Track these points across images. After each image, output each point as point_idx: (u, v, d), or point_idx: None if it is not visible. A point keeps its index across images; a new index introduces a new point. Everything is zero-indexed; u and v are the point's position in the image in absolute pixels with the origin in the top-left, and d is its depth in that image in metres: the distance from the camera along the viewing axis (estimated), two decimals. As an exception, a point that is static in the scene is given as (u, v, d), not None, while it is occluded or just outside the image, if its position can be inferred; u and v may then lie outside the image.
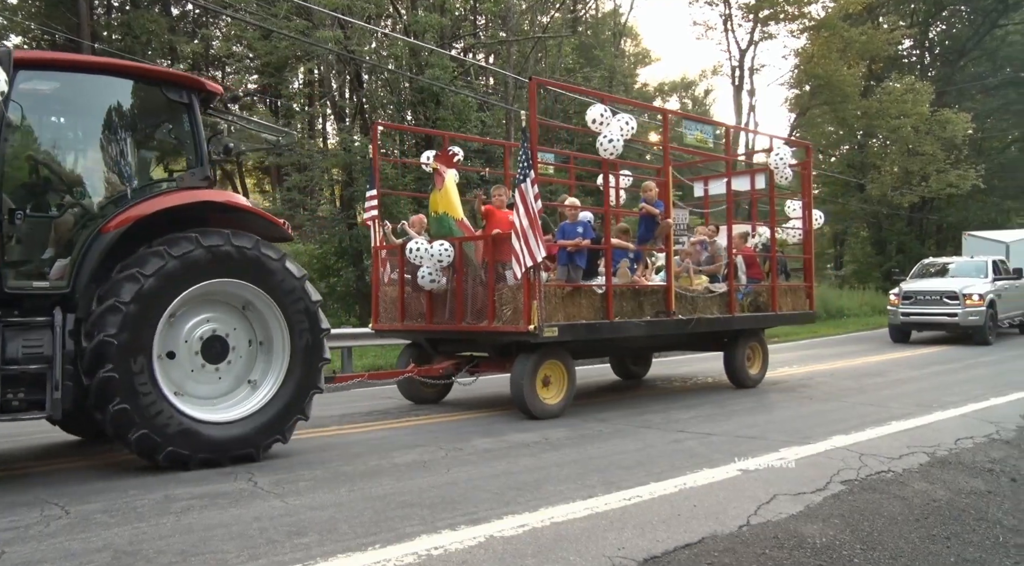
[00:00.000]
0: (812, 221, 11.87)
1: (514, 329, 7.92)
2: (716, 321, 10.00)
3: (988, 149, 38.75)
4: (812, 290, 12.02)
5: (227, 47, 24.56)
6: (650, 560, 3.91)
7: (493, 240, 8.36)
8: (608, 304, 8.55)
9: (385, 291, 9.72)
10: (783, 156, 11.08)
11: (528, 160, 7.76)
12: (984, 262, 18.83)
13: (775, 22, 29.04)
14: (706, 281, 10.19)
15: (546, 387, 8.25)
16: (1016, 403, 8.98)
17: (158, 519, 4.59)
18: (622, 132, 8.52)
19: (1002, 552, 4.30)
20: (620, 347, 10.46)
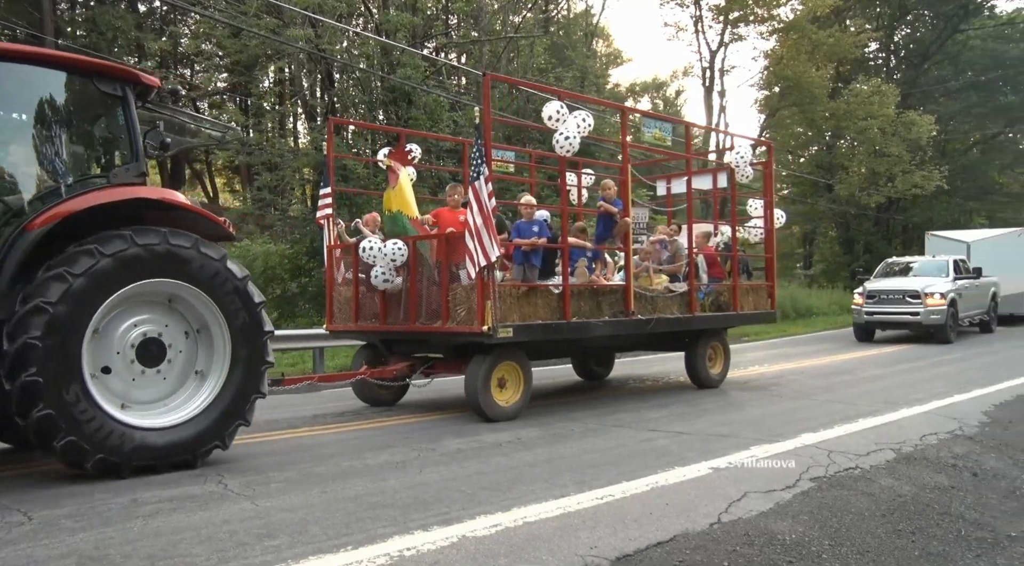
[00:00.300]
0: (774, 220, 11.83)
1: (468, 330, 7.76)
2: (676, 321, 9.90)
3: (951, 151, 39.53)
4: (774, 289, 11.98)
5: (196, 45, 24.27)
6: (622, 558, 3.92)
7: (446, 239, 8.22)
8: (565, 304, 8.43)
9: (339, 291, 9.52)
10: (743, 154, 11.03)
11: (482, 157, 7.60)
12: (945, 262, 19.00)
13: (745, 24, 29.37)
14: (666, 281, 10.09)
15: (502, 389, 8.11)
16: (978, 400, 9.17)
17: (125, 523, 4.51)
18: (579, 129, 8.42)
19: (964, 545, 4.39)
20: (579, 347, 10.34)
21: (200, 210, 6.40)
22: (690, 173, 10.90)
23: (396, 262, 8.33)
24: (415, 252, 8.40)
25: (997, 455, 6.54)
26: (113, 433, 5.50)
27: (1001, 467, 6.18)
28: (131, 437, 5.58)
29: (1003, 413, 8.33)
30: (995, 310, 20.30)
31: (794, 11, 28.92)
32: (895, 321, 17.71)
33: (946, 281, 17.83)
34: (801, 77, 28.32)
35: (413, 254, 8.38)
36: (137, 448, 5.61)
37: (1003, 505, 5.21)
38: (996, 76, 36.78)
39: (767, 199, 11.90)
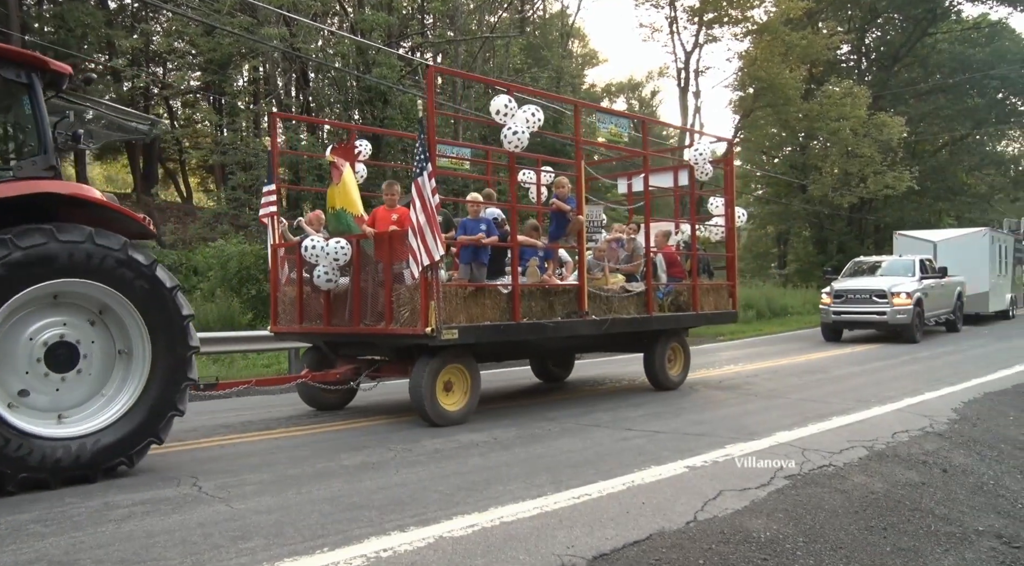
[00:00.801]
0: (735, 218, 11.60)
1: (411, 331, 7.48)
2: (632, 321, 9.63)
3: (921, 152, 40.17)
4: (735, 289, 11.74)
5: (168, 43, 23.98)
6: (599, 558, 3.94)
7: (389, 238, 7.91)
8: (515, 305, 8.16)
9: (284, 292, 9.18)
10: (702, 151, 10.76)
11: (425, 152, 7.32)
12: (912, 261, 19.03)
13: (719, 25, 29.61)
14: (623, 280, 9.80)
15: (448, 392, 7.86)
16: (947, 397, 9.32)
17: (96, 527, 4.45)
18: (528, 123, 8.17)
19: (934, 540, 4.46)
20: (532, 349, 10.12)
21: (119, 207, 6.00)
22: (647, 170, 10.56)
23: (339, 261, 8.06)
24: (359, 251, 8.13)
25: (965, 451, 6.65)
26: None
27: (969, 463, 6.29)
28: (19, 444, 5.19)
29: (971, 410, 8.47)
30: (961, 309, 20.33)
31: (768, 13, 29.20)
32: (862, 321, 17.67)
33: (912, 281, 17.84)
34: (775, 78, 28.59)
35: (357, 253, 8.11)
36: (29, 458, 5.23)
37: (971, 500, 5.31)
38: (963, 79, 37.44)
39: (728, 197, 11.66)
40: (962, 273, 20.47)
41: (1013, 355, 14.06)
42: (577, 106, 10.12)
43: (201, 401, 9.84)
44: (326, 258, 8.04)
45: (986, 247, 21.73)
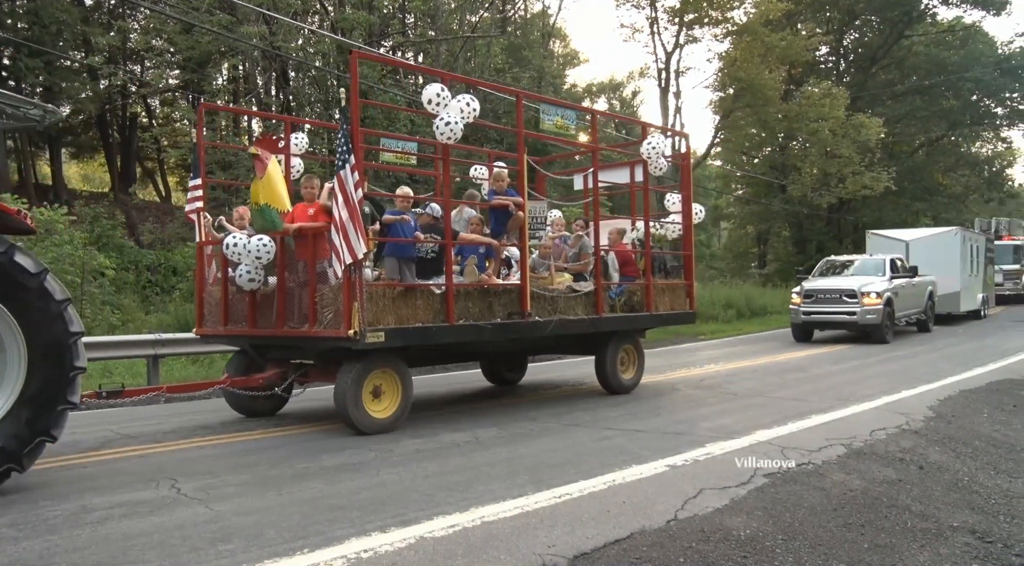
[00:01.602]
0: (692, 216, 11.16)
1: (334, 334, 7.05)
2: (580, 323, 9.21)
3: (898, 153, 40.63)
4: (692, 288, 11.25)
5: (146, 41, 23.71)
6: (580, 557, 3.95)
7: (311, 235, 7.49)
8: (448, 306, 7.75)
9: (210, 292, 8.63)
10: (656, 145, 10.22)
11: (348, 144, 6.89)
12: (882, 260, 18.73)
13: (699, 26, 29.74)
14: (570, 279, 9.40)
15: (377, 399, 7.43)
16: (924, 395, 9.43)
17: (72, 531, 4.40)
18: (462, 114, 7.80)
19: (910, 537, 4.51)
20: (473, 352, 9.70)
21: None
22: (596, 165, 10.16)
23: (262, 260, 7.62)
24: (283, 249, 7.71)
25: (941, 448, 6.74)
26: None
27: (945, 460, 6.37)
28: None
29: (947, 408, 8.58)
30: (932, 309, 20.10)
31: (747, 14, 29.38)
32: (832, 321, 17.35)
33: (883, 280, 17.56)
34: (754, 79, 28.79)
35: (281, 251, 7.69)
36: None
37: (946, 497, 5.38)
38: (938, 81, 37.89)
39: (684, 193, 11.24)
40: (934, 273, 20.30)
41: (987, 353, 14.26)
42: (519, 96, 9.79)
43: (179, 402, 9.77)
44: (248, 256, 7.60)
45: (957, 247, 21.53)
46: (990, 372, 11.75)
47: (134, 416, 8.84)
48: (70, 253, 14.01)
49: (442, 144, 8.05)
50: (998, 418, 8.39)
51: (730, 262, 46.62)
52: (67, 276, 13.70)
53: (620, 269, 10.18)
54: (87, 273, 14.48)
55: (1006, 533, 4.73)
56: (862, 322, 16.74)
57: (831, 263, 20.30)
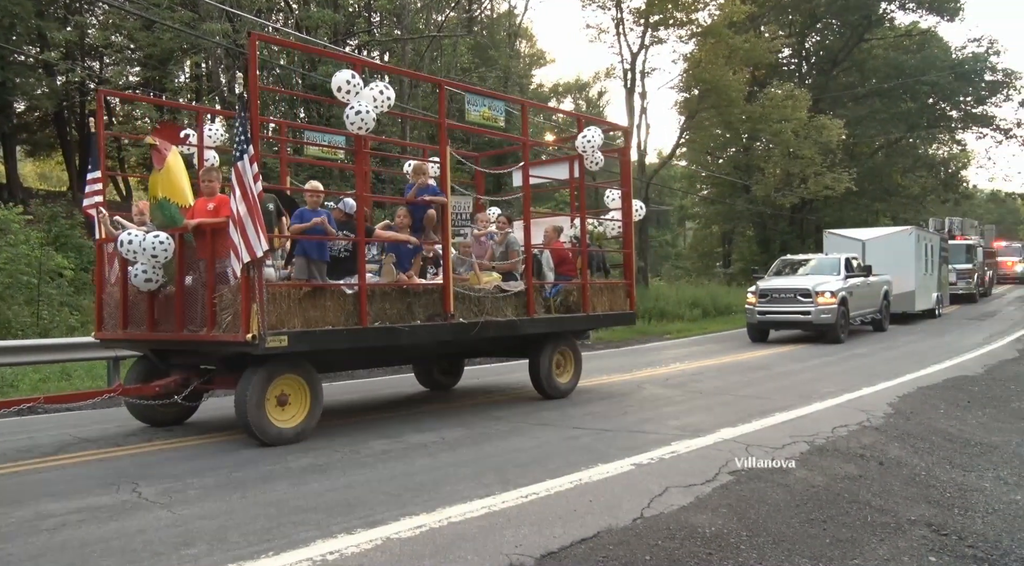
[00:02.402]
0: (632, 212, 10.73)
1: (232, 339, 6.57)
2: (509, 325, 8.76)
3: (859, 154, 41.36)
4: (632, 288, 10.80)
5: (104, 36, 23.26)
6: (547, 556, 3.96)
7: (210, 231, 6.95)
8: (361, 307, 7.27)
9: (110, 293, 8.05)
10: (591, 139, 9.81)
11: (246, 133, 6.43)
12: (837, 259, 18.59)
13: (665, 27, 29.90)
14: (498, 279, 8.96)
15: (283, 407, 6.92)
16: (884, 392, 9.62)
17: (27, 538, 4.29)
18: (375, 102, 7.38)
19: (870, 531, 4.61)
20: (393, 356, 9.27)
21: None
22: (527, 159, 9.61)
23: (158, 258, 7.05)
24: (182, 247, 7.17)
25: (900, 444, 6.88)
26: None
27: (903, 455, 6.51)
28: None
29: (906, 404, 8.77)
30: (887, 308, 20.09)
31: (712, 16, 29.63)
32: (787, 320, 17.18)
33: (837, 279, 17.44)
34: (719, 80, 29.04)
35: (180, 249, 7.14)
36: None
37: (904, 491, 5.49)
38: (897, 84, 38.66)
39: (624, 189, 10.79)
40: (889, 272, 20.33)
41: (944, 351, 14.59)
42: (441, 85, 9.31)
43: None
44: (143, 255, 7.04)
45: (912, 246, 21.55)
46: (946, 369, 12.04)
47: (94, 419, 8.67)
48: (26, 253, 13.69)
49: (360, 136, 7.57)
50: (954, 414, 8.60)
51: (695, 261, 47.09)
52: (23, 277, 13.39)
53: (556, 268, 9.79)
54: (44, 274, 14.15)
55: (960, 525, 4.85)
56: (817, 321, 16.63)
57: (786, 262, 20.13)
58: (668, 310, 24.36)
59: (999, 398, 9.77)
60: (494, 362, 14.25)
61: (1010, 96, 39.86)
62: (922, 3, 38.66)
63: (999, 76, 39.23)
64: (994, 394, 10.00)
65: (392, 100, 7.60)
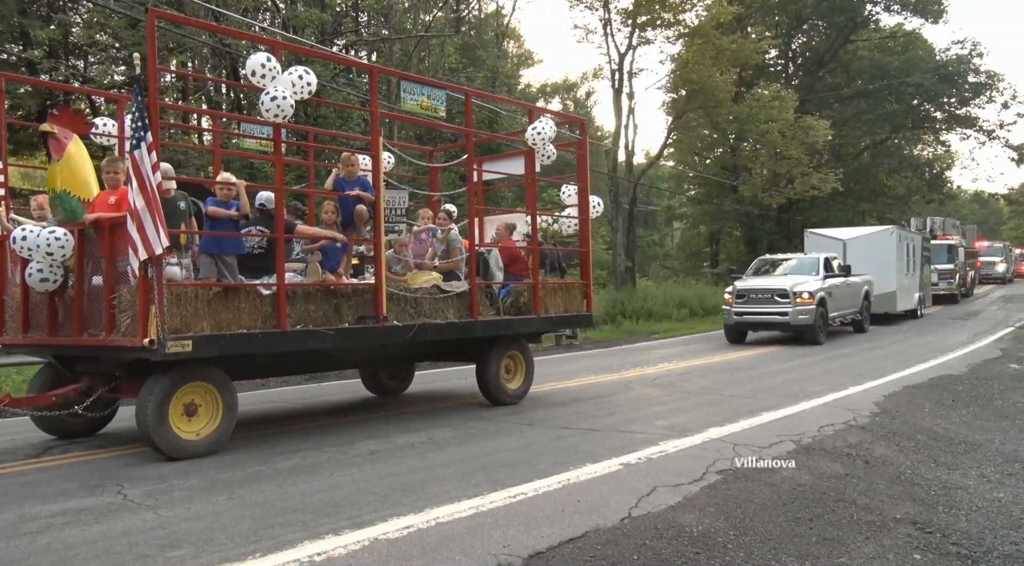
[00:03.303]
0: (589, 209, 10.25)
1: (129, 344, 6.05)
2: (450, 327, 8.26)
3: (845, 155, 41.62)
4: (590, 289, 10.26)
5: (89, 35, 23.07)
6: (535, 556, 3.96)
7: (109, 227, 6.40)
8: (280, 309, 6.75)
9: (13, 294, 7.34)
10: (541, 131, 9.33)
11: (143, 118, 5.86)
12: (816, 259, 18.22)
13: (652, 28, 29.98)
14: (438, 279, 8.52)
15: (191, 417, 6.41)
16: (870, 391, 9.68)
17: (9, 542, 4.25)
18: (294, 88, 6.86)
19: (856, 529, 4.63)
20: (323, 361, 8.64)
21: None
22: (471, 152, 9.15)
23: (55, 256, 6.50)
24: (83, 243, 6.63)
25: (886, 443, 6.93)
26: None
27: (889, 454, 6.55)
28: None
29: (891, 403, 8.83)
30: (868, 309, 19.74)
31: (699, 17, 29.74)
32: (764, 321, 16.79)
33: (816, 279, 17.03)
34: (706, 81, 29.14)
35: (80, 246, 6.62)
36: None
37: (890, 490, 5.53)
38: (882, 85, 38.93)
39: (581, 185, 10.27)
40: (870, 272, 20.06)
41: (928, 350, 14.70)
42: (373, 71, 8.83)
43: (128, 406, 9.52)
44: (38, 252, 6.49)
45: (894, 246, 21.22)
46: (931, 368, 12.13)
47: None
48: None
49: (276, 124, 7.03)
50: (938, 412, 8.66)
51: (683, 261, 47.25)
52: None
53: (507, 267, 9.39)
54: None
55: (944, 523, 4.89)
56: (795, 322, 16.26)
57: (765, 262, 19.75)
58: (656, 310, 24.41)
59: (983, 397, 9.85)
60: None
61: (993, 98, 40.28)
62: (907, 5, 39.00)
63: (982, 78, 39.59)
64: (978, 393, 10.08)
65: (313, 86, 7.03)
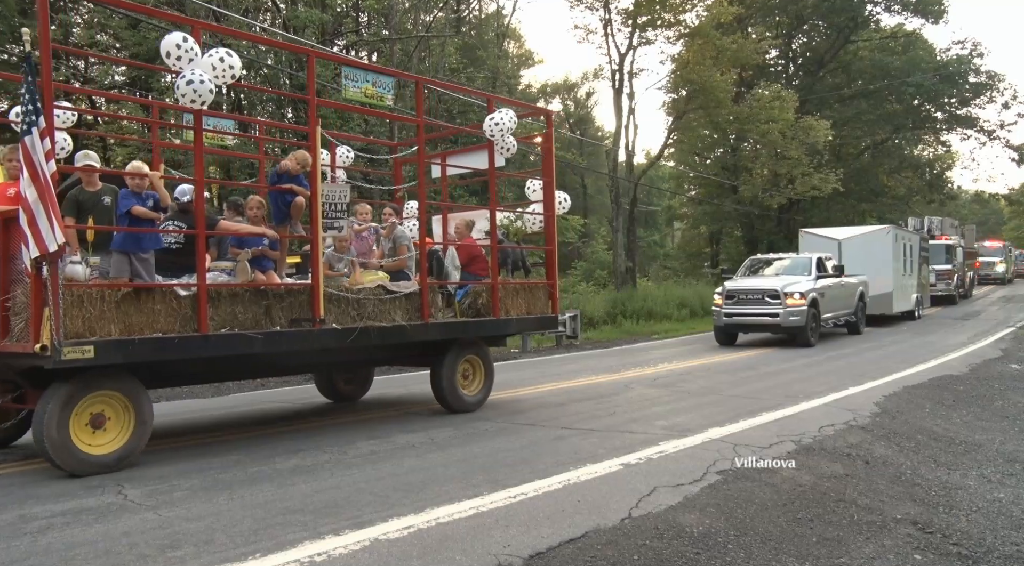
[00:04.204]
0: (554, 205, 9.67)
1: (21, 349, 5.58)
2: (396, 331, 7.70)
3: (845, 155, 41.65)
4: (555, 289, 9.68)
5: (89, 35, 23.09)
6: (536, 556, 3.96)
7: (3, 222, 5.96)
8: (200, 311, 6.19)
9: None
10: (499, 122, 8.71)
11: (35, 102, 5.39)
12: (808, 259, 17.75)
13: (652, 28, 29.98)
14: (384, 278, 7.97)
15: (98, 430, 5.89)
16: (871, 391, 9.68)
17: (10, 542, 4.25)
18: (215, 71, 6.25)
19: (856, 529, 4.63)
20: (255, 367, 8.03)
21: None
22: (421, 142, 8.54)
23: None
24: None
25: (886, 443, 6.93)
26: None
27: (889, 454, 6.55)
28: None
29: (892, 404, 8.82)
30: (863, 310, 19.24)
31: (699, 17, 29.74)
32: (754, 323, 16.29)
33: (808, 280, 16.57)
34: (706, 81, 29.14)
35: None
36: None
37: (890, 490, 5.53)
38: (882, 86, 38.94)
39: (546, 179, 9.69)
40: (866, 272, 19.63)
41: (929, 351, 14.70)
42: (311, 55, 8.12)
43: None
44: None
45: (890, 245, 20.74)
46: (932, 368, 12.13)
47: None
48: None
49: (195, 111, 6.41)
50: (939, 413, 8.66)
51: (684, 262, 47.24)
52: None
53: (466, 266, 8.96)
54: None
55: (945, 523, 4.89)
56: (785, 324, 15.80)
57: (757, 262, 19.23)
58: (656, 310, 24.43)
59: (983, 397, 9.85)
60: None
61: (993, 98, 40.33)
62: (907, 5, 38.99)
63: (983, 78, 39.60)
64: (978, 393, 10.08)
65: (236, 70, 6.39)
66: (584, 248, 37.56)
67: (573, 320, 18.37)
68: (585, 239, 37.22)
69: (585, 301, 23.37)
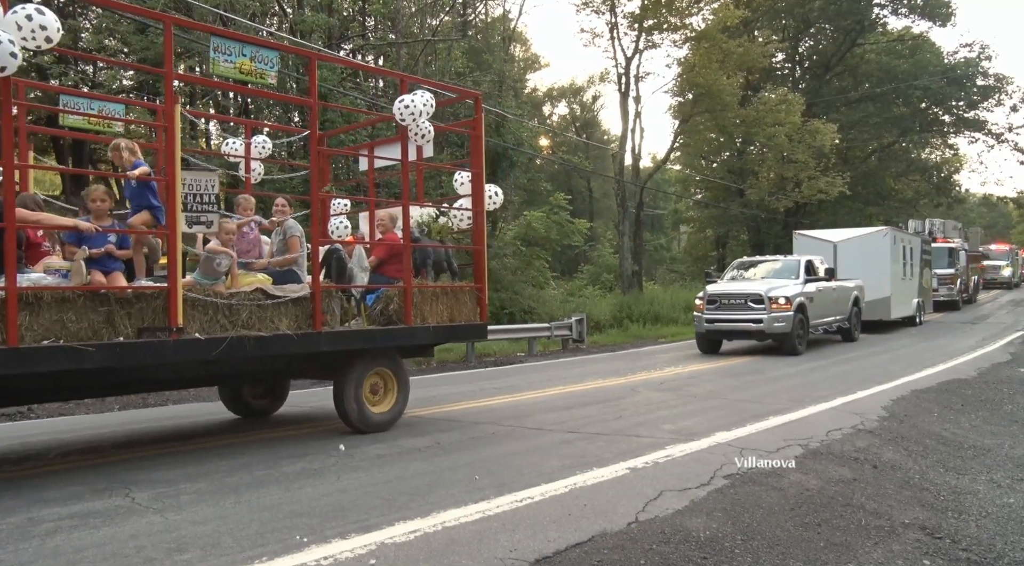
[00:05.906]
0: (484, 199, 8.69)
1: None
2: (278, 341, 6.68)
3: (852, 158, 41.57)
4: (484, 294, 8.65)
5: (98, 40, 23.21)
6: (542, 560, 3.95)
7: None
8: (9, 319, 5.21)
9: None
10: (410, 105, 7.59)
11: None
12: (796, 262, 16.72)
13: (659, 32, 30.00)
14: (265, 281, 6.97)
15: None
16: (878, 395, 9.64)
17: (18, 544, 4.27)
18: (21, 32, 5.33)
19: (864, 534, 4.61)
20: (104, 382, 6.70)
21: None
22: (315, 126, 7.77)
23: None
24: None
25: (894, 447, 6.89)
26: None
27: (897, 459, 6.52)
28: None
29: (899, 407, 8.78)
30: (858, 316, 18.28)
31: (705, 21, 29.75)
32: (737, 329, 15.30)
33: (795, 284, 15.64)
34: (712, 85, 29.15)
35: None
36: None
37: (898, 494, 5.50)
38: (889, 89, 38.85)
39: (475, 171, 8.70)
40: (862, 276, 18.91)
41: (937, 354, 14.64)
42: (167, 22, 6.68)
43: (134, 409, 9.57)
44: None
45: (887, 248, 19.89)
46: (940, 372, 12.07)
47: (86, 424, 8.63)
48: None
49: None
50: (947, 417, 8.62)
51: (690, 265, 47.16)
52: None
53: (383, 267, 8.14)
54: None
55: (954, 528, 4.86)
56: (770, 330, 14.88)
57: (744, 264, 18.25)
58: (662, 314, 24.41)
59: (992, 401, 9.80)
60: (488, 366, 14.28)
61: (1001, 101, 40.15)
62: (914, 8, 38.90)
63: (991, 81, 39.47)
64: (987, 397, 10.03)
65: (51, 31, 5.39)
66: (590, 252, 37.57)
67: (579, 324, 18.38)
68: (591, 243, 37.21)
69: (591, 305, 23.38)
